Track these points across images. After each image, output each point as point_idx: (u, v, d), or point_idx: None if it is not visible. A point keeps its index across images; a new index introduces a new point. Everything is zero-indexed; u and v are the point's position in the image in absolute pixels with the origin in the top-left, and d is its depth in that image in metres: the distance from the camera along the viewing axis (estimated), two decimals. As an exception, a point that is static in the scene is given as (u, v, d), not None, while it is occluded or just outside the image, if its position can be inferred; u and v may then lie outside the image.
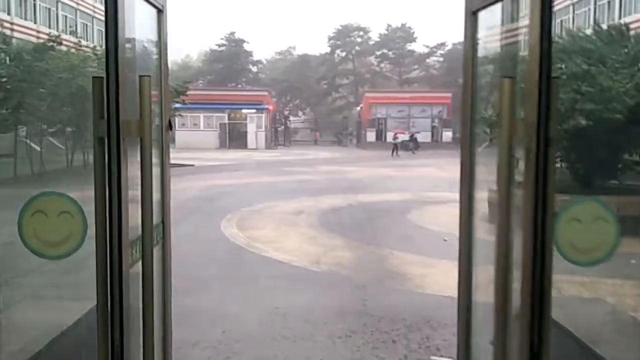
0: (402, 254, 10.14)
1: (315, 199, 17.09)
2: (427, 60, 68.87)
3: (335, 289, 8.06)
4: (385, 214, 14.62)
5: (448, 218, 14.30)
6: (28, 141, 24.11)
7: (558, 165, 14.64)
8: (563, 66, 13.28)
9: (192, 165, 30.13)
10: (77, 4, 43.90)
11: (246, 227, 12.62)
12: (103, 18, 2.41)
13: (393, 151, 41.12)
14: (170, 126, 2.70)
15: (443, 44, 66.00)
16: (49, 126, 24.02)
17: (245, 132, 49.09)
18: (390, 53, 68.22)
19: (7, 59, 21.55)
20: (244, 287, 8.09)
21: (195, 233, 12.05)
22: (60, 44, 23.63)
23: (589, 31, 31.47)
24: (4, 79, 20.34)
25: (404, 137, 45.88)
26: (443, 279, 8.53)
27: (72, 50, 26.55)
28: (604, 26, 27.96)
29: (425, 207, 15.60)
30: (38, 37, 28.44)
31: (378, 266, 9.31)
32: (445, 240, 11.38)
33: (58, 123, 24.31)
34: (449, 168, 29.53)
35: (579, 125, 12.33)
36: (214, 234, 11.87)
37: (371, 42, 68.77)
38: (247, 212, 14.59)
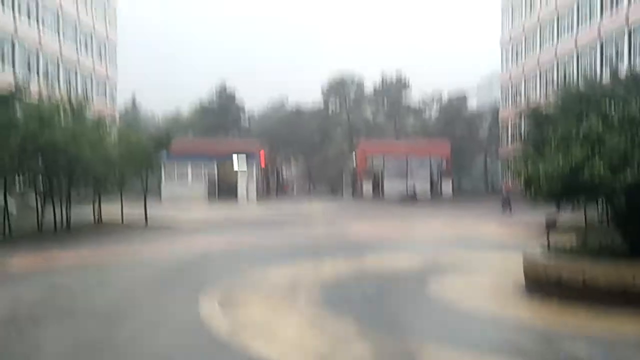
0: (439, 349, 7.66)
1: (314, 264, 14.62)
2: (423, 112, 67.65)
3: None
4: (401, 285, 12.14)
5: (475, 290, 11.87)
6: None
7: (604, 223, 12.28)
8: (613, 110, 11.11)
9: (176, 222, 27.64)
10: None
11: (230, 305, 10.10)
12: None
13: (503, 207, 32.68)
14: None
15: (439, 95, 65.00)
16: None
17: (235, 184, 46.76)
18: (385, 104, 66.88)
19: None
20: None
21: (164, 317, 9.52)
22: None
23: (605, 74, 29.96)
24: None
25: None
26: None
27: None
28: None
29: (445, 275, 13.15)
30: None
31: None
32: (484, 325, 8.94)
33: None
34: (456, 223, 27.34)
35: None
36: (188, 318, 9.34)
37: (365, 93, 67.48)
38: (232, 283, 12.08)
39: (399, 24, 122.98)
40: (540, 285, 10.76)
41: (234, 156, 46.91)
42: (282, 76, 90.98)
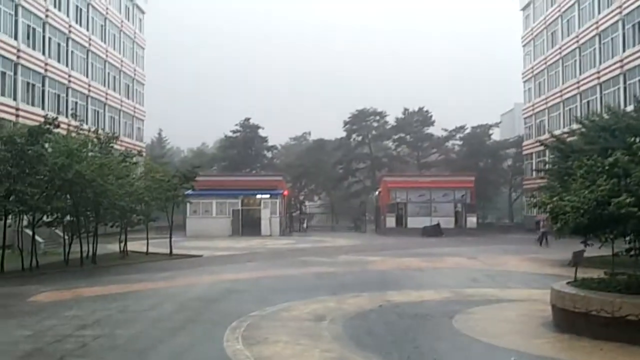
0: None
1: (337, 299, 14.56)
2: (446, 144, 67.39)
3: None
4: (425, 320, 12.01)
5: (503, 325, 11.70)
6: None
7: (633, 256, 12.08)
8: (637, 140, 11.06)
9: (201, 256, 27.80)
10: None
11: (254, 340, 10.07)
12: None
13: (541, 241, 32.80)
14: None
15: (462, 127, 64.79)
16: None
17: (259, 219, 46.96)
18: (407, 137, 66.86)
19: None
20: None
21: (189, 352, 9.53)
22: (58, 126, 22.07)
23: (629, 108, 29.73)
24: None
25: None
26: None
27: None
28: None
29: (470, 310, 12.99)
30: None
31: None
32: (512, 360, 8.82)
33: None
34: (482, 257, 26.96)
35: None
36: (212, 353, 9.36)
37: (388, 126, 67.58)
38: (257, 318, 12.06)
39: (420, 55, 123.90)
40: (568, 319, 10.58)
41: (258, 193, 47.29)
42: (305, 113, 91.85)
